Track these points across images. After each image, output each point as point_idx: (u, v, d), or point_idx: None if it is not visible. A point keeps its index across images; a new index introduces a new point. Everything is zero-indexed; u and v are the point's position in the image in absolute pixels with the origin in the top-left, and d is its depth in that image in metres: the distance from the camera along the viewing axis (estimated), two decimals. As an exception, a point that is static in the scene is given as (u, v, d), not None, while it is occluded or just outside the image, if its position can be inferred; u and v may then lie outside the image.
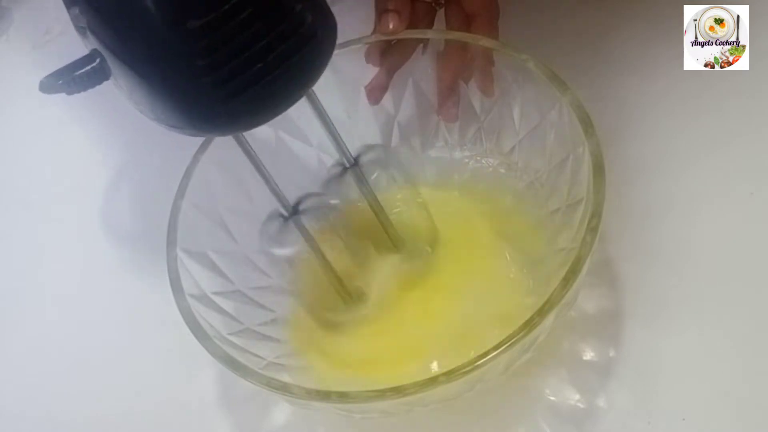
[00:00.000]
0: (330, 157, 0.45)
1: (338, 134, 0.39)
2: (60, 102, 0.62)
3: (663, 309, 0.43)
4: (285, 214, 0.39)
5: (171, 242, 0.41)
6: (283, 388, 0.35)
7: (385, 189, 0.44)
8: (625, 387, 0.41)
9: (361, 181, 0.41)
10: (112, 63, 0.30)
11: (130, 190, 0.57)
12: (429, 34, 0.47)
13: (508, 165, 0.47)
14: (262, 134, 0.43)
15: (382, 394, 0.33)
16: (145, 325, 0.49)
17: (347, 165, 0.41)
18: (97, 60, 0.30)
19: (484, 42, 0.45)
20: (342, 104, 0.48)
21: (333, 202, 0.41)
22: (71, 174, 0.60)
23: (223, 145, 0.44)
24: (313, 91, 0.36)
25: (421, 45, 0.48)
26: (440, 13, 0.50)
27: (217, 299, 0.42)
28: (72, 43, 0.31)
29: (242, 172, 0.46)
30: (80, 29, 0.30)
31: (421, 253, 0.44)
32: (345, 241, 0.43)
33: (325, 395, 0.34)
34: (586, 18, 0.56)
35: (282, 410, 0.44)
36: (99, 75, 0.30)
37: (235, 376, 0.36)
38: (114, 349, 0.49)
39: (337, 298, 0.43)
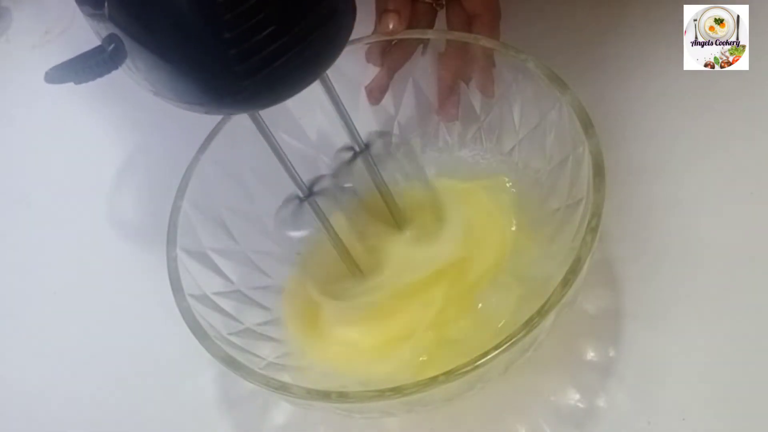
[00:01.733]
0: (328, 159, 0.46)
1: (350, 118, 0.40)
2: (59, 102, 0.63)
3: (663, 309, 0.43)
4: (301, 195, 0.40)
5: (171, 242, 0.41)
6: (283, 388, 0.35)
7: (394, 174, 0.45)
8: (625, 387, 0.41)
9: (371, 165, 0.42)
10: (132, 43, 0.30)
11: (130, 190, 0.57)
12: (429, 34, 0.47)
13: (508, 165, 0.47)
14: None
15: (382, 394, 0.33)
16: (145, 325, 0.49)
17: (357, 149, 0.41)
18: (111, 46, 0.30)
19: (484, 42, 0.45)
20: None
21: (345, 185, 0.42)
22: (71, 174, 0.60)
23: (224, 144, 0.45)
24: (326, 73, 0.36)
25: (421, 45, 0.48)
26: (441, 14, 0.50)
27: (217, 299, 0.42)
28: (72, 43, 0.31)
29: (242, 171, 0.46)
30: (96, 16, 0.30)
31: (427, 237, 0.44)
32: (355, 223, 0.43)
33: (325, 395, 0.34)
34: (587, 18, 0.56)
35: (282, 410, 0.44)
36: (110, 62, 0.30)
37: (235, 376, 0.36)
38: (114, 349, 0.49)
39: (348, 278, 0.44)
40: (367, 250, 0.44)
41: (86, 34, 0.32)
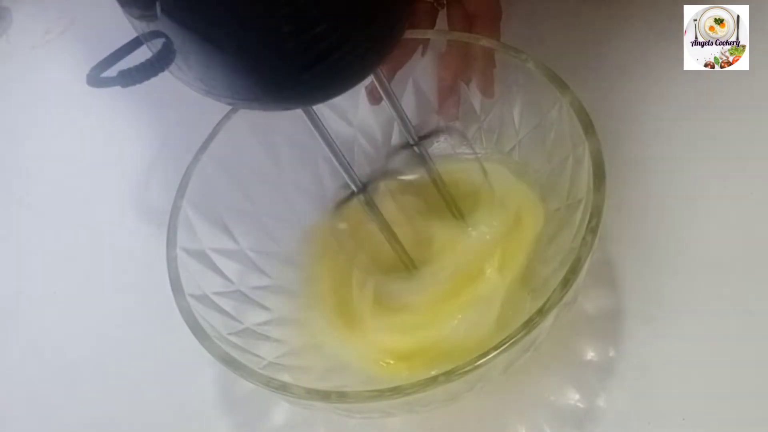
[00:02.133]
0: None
1: (404, 111, 0.40)
2: (60, 102, 0.63)
3: (663, 309, 0.43)
4: (355, 189, 0.39)
5: (171, 242, 0.41)
6: (283, 388, 0.35)
7: (449, 164, 0.45)
8: (625, 387, 0.41)
9: (425, 158, 0.41)
10: (187, 42, 0.29)
11: (130, 190, 0.57)
12: (430, 34, 0.47)
13: (508, 165, 0.47)
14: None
15: (381, 394, 0.33)
16: (145, 325, 0.49)
17: (411, 142, 0.41)
18: (162, 44, 0.29)
19: (485, 42, 0.45)
20: (342, 104, 0.48)
21: (400, 177, 0.42)
22: (71, 174, 0.60)
23: (224, 144, 0.45)
24: (379, 68, 0.36)
25: (421, 45, 0.48)
26: (442, 14, 0.50)
27: (217, 299, 0.42)
28: (72, 43, 0.31)
29: (242, 171, 0.46)
30: (145, 16, 0.30)
31: (484, 229, 0.44)
32: (409, 216, 0.43)
33: (325, 395, 0.34)
34: (587, 18, 0.56)
35: (282, 410, 0.44)
36: (158, 63, 0.29)
37: (235, 376, 0.36)
38: (114, 349, 0.49)
39: (399, 270, 0.43)
40: (420, 241, 0.43)
41: (86, 34, 0.32)
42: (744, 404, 0.40)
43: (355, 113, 0.49)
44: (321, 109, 0.39)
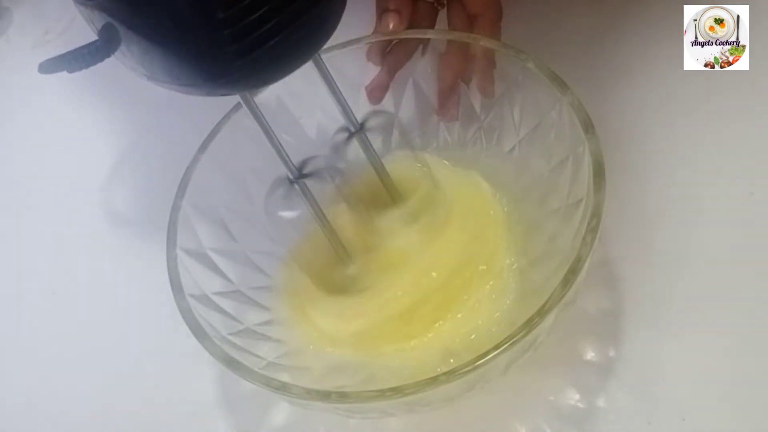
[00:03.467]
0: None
1: (344, 99, 0.40)
2: (60, 102, 0.63)
3: (663, 309, 0.43)
4: (291, 177, 0.40)
5: (171, 242, 0.41)
6: (283, 388, 0.35)
7: (388, 153, 0.45)
8: (625, 387, 0.41)
9: (366, 145, 0.42)
10: (126, 27, 0.30)
11: (130, 190, 0.57)
12: (429, 34, 0.47)
13: (508, 165, 0.47)
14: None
15: (381, 394, 0.33)
16: (145, 325, 0.49)
17: (353, 130, 0.41)
18: (104, 33, 0.30)
19: (485, 42, 0.45)
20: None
21: (338, 165, 0.42)
22: (71, 174, 0.60)
23: (224, 144, 0.45)
24: (319, 54, 0.37)
25: (421, 45, 0.48)
26: (442, 13, 0.50)
27: (217, 299, 0.42)
28: (72, 43, 0.31)
29: (242, 171, 0.46)
30: (88, 4, 0.30)
31: (423, 218, 0.44)
32: (349, 205, 0.43)
33: (324, 395, 0.34)
34: (587, 18, 0.56)
35: (282, 410, 0.44)
36: (104, 49, 0.30)
37: (235, 376, 0.36)
38: (113, 349, 0.49)
39: (338, 263, 0.43)
40: (359, 230, 0.43)
41: (86, 34, 0.32)
42: (744, 404, 0.40)
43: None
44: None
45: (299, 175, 0.40)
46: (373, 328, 0.42)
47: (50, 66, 0.31)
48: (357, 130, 0.41)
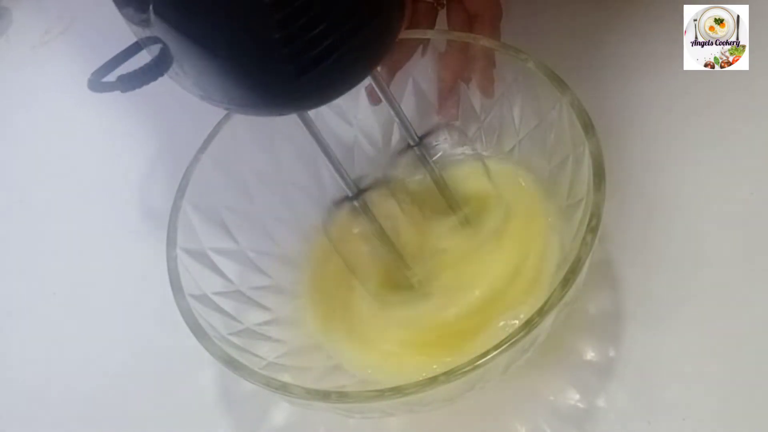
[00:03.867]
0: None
1: (403, 112, 0.40)
2: (59, 102, 0.63)
3: (663, 309, 0.43)
4: (350, 194, 0.39)
5: (171, 242, 0.41)
6: (283, 388, 0.35)
7: (450, 167, 0.44)
8: (625, 387, 0.41)
9: (426, 159, 0.41)
10: (180, 48, 0.30)
11: (130, 190, 0.57)
12: (430, 34, 0.47)
13: (508, 165, 0.47)
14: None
15: (381, 394, 0.33)
16: (145, 325, 0.49)
17: (412, 143, 0.41)
18: (159, 49, 0.30)
19: (485, 42, 0.45)
20: (342, 104, 0.48)
21: (397, 181, 0.42)
22: (71, 174, 0.60)
23: (224, 144, 0.45)
24: (377, 69, 0.36)
25: (421, 45, 0.48)
26: (442, 14, 0.50)
27: (217, 299, 0.42)
28: (72, 43, 0.31)
29: (242, 171, 0.46)
30: (141, 21, 0.30)
31: (487, 231, 0.44)
32: (409, 219, 0.43)
33: (324, 395, 0.34)
34: (587, 18, 0.56)
35: (282, 410, 0.44)
36: (156, 68, 0.30)
37: (235, 376, 0.36)
38: (113, 349, 0.49)
39: (397, 277, 0.43)
40: (419, 244, 0.43)
41: (86, 34, 0.32)
42: (744, 404, 0.40)
43: (355, 113, 0.49)
44: (320, 108, 0.38)
45: (358, 191, 0.39)
46: (441, 336, 0.41)
47: (101, 84, 0.30)
48: (416, 143, 0.41)
